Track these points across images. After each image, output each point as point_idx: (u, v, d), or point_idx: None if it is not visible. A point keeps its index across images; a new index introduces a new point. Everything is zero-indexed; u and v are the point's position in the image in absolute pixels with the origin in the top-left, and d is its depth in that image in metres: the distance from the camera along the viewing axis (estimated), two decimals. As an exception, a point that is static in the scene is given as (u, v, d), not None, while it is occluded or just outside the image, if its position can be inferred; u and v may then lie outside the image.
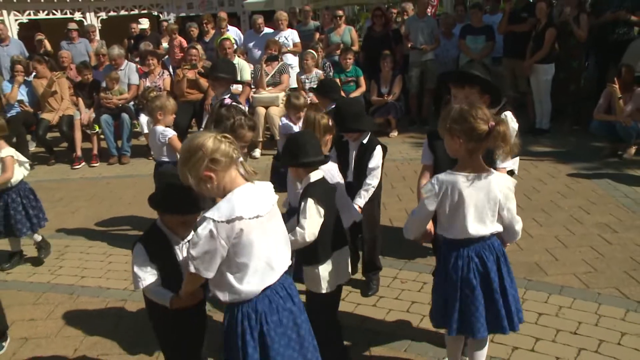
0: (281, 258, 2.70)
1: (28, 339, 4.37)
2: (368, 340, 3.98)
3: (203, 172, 2.51)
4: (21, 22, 14.98)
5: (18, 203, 5.41)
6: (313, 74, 9.30)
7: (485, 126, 2.83)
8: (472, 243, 3.01)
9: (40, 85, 9.67)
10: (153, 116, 5.55)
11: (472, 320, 3.01)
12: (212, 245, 2.48)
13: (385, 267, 4.94)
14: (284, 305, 2.65)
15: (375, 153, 4.36)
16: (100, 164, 9.49)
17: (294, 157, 3.36)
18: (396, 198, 6.76)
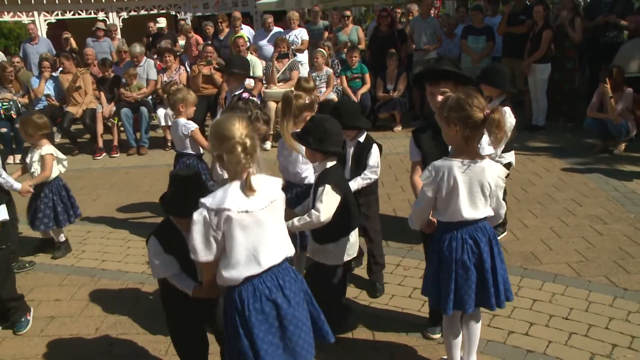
0: (272, 252, 2.63)
1: (54, 318, 4.40)
2: (371, 325, 3.98)
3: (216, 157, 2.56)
4: (50, 21, 15.00)
5: (49, 199, 5.38)
6: (323, 71, 9.30)
7: (481, 114, 2.84)
8: (466, 225, 3.02)
9: (66, 80, 9.68)
10: (175, 109, 5.49)
11: (465, 298, 3.03)
12: (206, 229, 2.51)
13: (388, 254, 4.93)
14: (269, 295, 2.59)
15: (372, 151, 4.32)
16: (120, 155, 9.51)
17: (318, 142, 3.33)
18: (400, 189, 6.74)
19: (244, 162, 2.53)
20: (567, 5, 9.10)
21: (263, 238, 2.59)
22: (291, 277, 2.70)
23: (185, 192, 2.90)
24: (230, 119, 2.59)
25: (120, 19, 15.59)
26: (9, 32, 17.22)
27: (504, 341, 3.71)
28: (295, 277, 2.72)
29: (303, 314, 2.70)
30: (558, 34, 8.93)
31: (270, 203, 2.62)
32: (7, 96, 9.50)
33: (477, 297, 3.05)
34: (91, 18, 14.94)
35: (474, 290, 3.03)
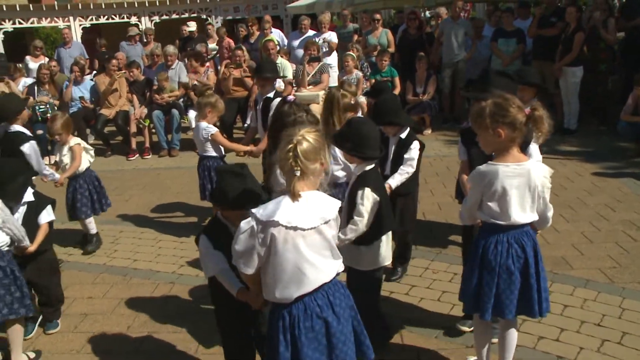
0: (321, 271, 2.54)
1: (87, 315, 4.48)
2: (400, 327, 3.96)
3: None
4: (84, 26, 15.29)
5: (85, 189, 5.60)
6: (353, 75, 9.31)
7: (524, 114, 2.85)
8: (512, 229, 2.99)
9: (102, 83, 9.87)
10: (202, 111, 5.54)
11: (506, 303, 3.00)
12: (251, 241, 2.44)
13: (417, 257, 4.92)
14: (319, 313, 2.52)
15: (412, 147, 4.35)
16: (151, 156, 9.64)
17: (356, 146, 3.30)
18: (429, 192, 6.70)
19: (291, 162, 2.42)
20: (601, 6, 8.96)
21: (313, 257, 2.50)
22: (341, 294, 2.62)
23: (233, 183, 2.89)
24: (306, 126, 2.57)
25: (152, 23, 15.80)
26: (46, 37, 17.57)
27: (534, 346, 3.67)
28: (344, 293, 2.65)
29: (349, 329, 2.64)
30: (591, 36, 8.79)
31: (323, 223, 2.51)
32: (44, 99, 9.72)
33: (518, 304, 3.01)
34: (124, 22, 15.18)
35: (516, 296, 3.00)
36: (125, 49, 11.96)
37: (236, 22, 15.13)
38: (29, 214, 4.11)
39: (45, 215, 4.20)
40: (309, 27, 10.80)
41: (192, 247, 5.56)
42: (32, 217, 4.12)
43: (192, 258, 5.36)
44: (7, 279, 3.67)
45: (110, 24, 15.81)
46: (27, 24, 14.88)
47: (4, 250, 3.71)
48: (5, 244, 3.71)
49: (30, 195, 4.16)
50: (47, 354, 4.01)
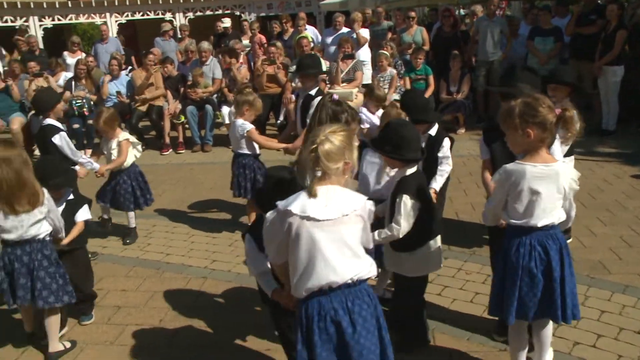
0: (339, 270, 2.47)
1: (120, 307, 4.53)
2: (432, 328, 3.91)
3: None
4: (120, 22, 15.50)
5: (128, 184, 5.70)
6: (387, 72, 9.26)
7: (554, 114, 2.80)
8: (536, 231, 2.93)
9: (139, 77, 9.99)
10: (239, 108, 5.56)
11: (530, 306, 2.96)
12: (275, 232, 2.48)
13: (450, 258, 4.86)
14: (333, 316, 2.47)
15: (443, 144, 4.31)
16: (185, 151, 9.71)
17: (396, 149, 3.25)
18: (462, 192, 6.63)
19: (312, 163, 2.43)
20: (644, 3, 8.74)
21: (328, 251, 2.45)
22: (364, 302, 2.53)
23: (280, 187, 2.88)
24: (333, 125, 2.54)
25: (187, 19, 15.94)
26: (83, 33, 17.86)
27: (569, 352, 3.59)
28: (369, 302, 2.55)
29: (372, 341, 2.53)
30: (633, 34, 8.57)
31: (342, 216, 2.45)
32: (81, 94, 9.87)
33: (540, 306, 2.96)
34: (159, 19, 15.36)
35: (539, 298, 2.95)
36: (160, 44, 12.08)
37: (269, 18, 15.18)
38: (67, 212, 4.21)
39: (82, 213, 4.30)
40: (343, 24, 10.77)
41: (225, 243, 5.64)
42: (70, 215, 4.23)
43: (224, 253, 5.39)
44: (52, 267, 3.79)
45: (145, 20, 16.01)
46: (65, 21, 15.16)
47: (48, 239, 3.82)
48: (48, 233, 3.82)
49: (70, 195, 4.29)
50: (81, 344, 4.07)
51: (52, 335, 3.92)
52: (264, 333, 3.93)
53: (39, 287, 3.73)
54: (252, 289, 4.58)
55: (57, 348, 3.93)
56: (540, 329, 3.19)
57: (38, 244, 3.76)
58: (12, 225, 3.66)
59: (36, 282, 3.73)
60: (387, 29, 11.49)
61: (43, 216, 3.73)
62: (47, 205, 3.75)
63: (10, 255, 3.74)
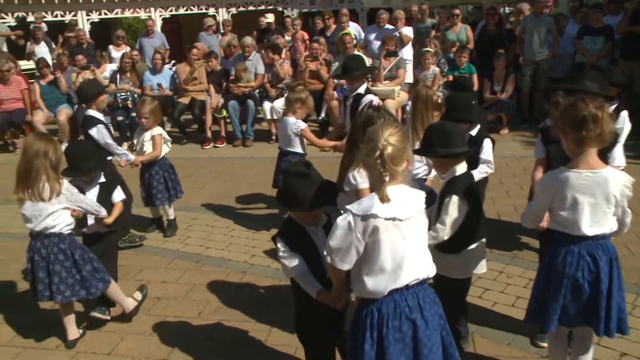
0: (415, 266, 2.53)
1: (160, 299, 4.59)
2: (472, 331, 3.85)
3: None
4: (164, 17, 15.72)
5: (160, 176, 5.75)
6: (430, 71, 9.17)
7: (584, 112, 2.68)
8: (585, 240, 2.83)
9: (183, 72, 10.11)
10: (291, 106, 5.55)
11: (572, 314, 2.88)
12: (348, 237, 2.43)
13: (491, 260, 4.75)
14: (408, 314, 2.49)
15: (484, 145, 4.22)
16: (226, 146, 9.78)
17: (445, 148, 3.19)
18: (505, 194, 6.51)
19: (380, 169, 2.41)
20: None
21: (409, 250, 2.50)
22: (431, 299, 2.59)
23: (298, 185, 2.86)
24: (385, 125, 2.51)
25: (230, 15, 16.06)
26: (128, 27, 18.16)
27: (617, 362, 3.49)
28: (434, 300, 2.61)
29: (437, 339, 2.57)
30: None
31: (417, 213, 2.52)
32: (125, 87, 10.05)
33: (584, 314, 2.88)
34: (202, 14, 15.51)
35: (582, 307, 2.87)
36: (205, 39, 12.18)
37: (312, 15, 15.17)
38: (101, 195, 4.31)
39: (117, 194, 4.41)
40: (387, 21, 10.71)
41: (265, 238, 5.64)
42: (105, 197, 4.32)
43: (264, 249, 5.41)
44: (68, 262, 3.87)
45: (189, 15, 16.19)
46: (111, 15, 15.45)
47: (66, 233, 3.90)
48: (67, 226, 3.90)
49: (102, 177, 4.39)
50: (121, 333, 4.14)
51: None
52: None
53: (55, 281, 3.84)
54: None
55: (130, 306, 4.20)
56: (582, 337, 3.10)
57: (55, 237, 3.85)
58: (31, 214, 3.81)
59: (53, 276, 3.84)
60: (430, 26, 11.37)
61: (61, 207, 3.82)
62: (66, 195, 3.83)
63: (32, 248, 3.88)
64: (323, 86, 9.57)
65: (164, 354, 3.87)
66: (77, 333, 4.07)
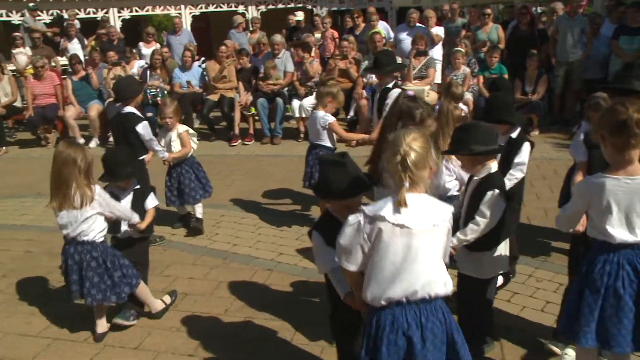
0: (421, 283, 2.44)
1: (187, 295, 4.61)
2: (500, 335, 3.79)
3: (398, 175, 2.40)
4: (194, 14, 15.83)
5: (190, 173, 5.77)
6: (460, 71, 9.08)
7: (623, 116, 2.58)
8: (625, 249, 2.73)
9: (212, 69, 10.16)
10: (322, 100, 5.57)
11: (614, 332, 2.72)
12: (356, 237, 2.41)
13: (520, 264, 4.70)
14: (405, 330, 2.43)
15: (523, 148, 4.14)
16: (254, 143, 9.80)
17: (482, 145, 3.18)
18: (534, 196, 6.41)
19: (401, 174, 2.37)
20: None
21: (416, 262, 2.42)
22: (437, 319, 2.49)
23: (334, 174, 2.84)
24: (409, 131, 2.47)
25: (259, 12, 16.11)
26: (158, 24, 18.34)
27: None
28: (442, 319, 2.51)
29: (438, 357, 2.49)
30: None
31: (432, 227, 2.43)
32: (155, 83, 10.15)
33: (634, 336, 2.72)
34: (232, 11, 15.59)
35: (626, 326, 2.71)
36: (235, 36, 12.23)
37: (341, 13, 15.15)
38: (136, 201, 4.34)
39: (150, 200, 4.43)
40: (417, 20, 10.65)
41: (292, 236, 5.66)
42: (139, 203, 4.35)
43: (291, 247, 5.41)
44: (101, 269, 3.94)
45: (218, 12, 16.29)
46: (142, 12, 15.62)
47: (99, 241, 3.96)
48: (100, 233, 3.96)
49: (136, 184, 4.42)
50: (148, 328, 4.17)
51: (147, 300, 4.19)
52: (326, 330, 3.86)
53: (87, 285, 3.91)
54: (319, 283, 4.57)
55: (158, 307, 4.24)
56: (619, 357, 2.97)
57: (88, 245, 3.92)
58: (67, 222, 3.87)
59: (85, 281, 3.92)
60: (461, 26, 11.28)
61: (95, 212, 3.87)
62: (99, 201, 3.88)
63: (66, 253, 3.96)
64: (352, 85, 9.55)
65: (190, 350, 3.89)
66: (107, 327, 4.12)
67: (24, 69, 11.74)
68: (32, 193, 7.62)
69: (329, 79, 6.35)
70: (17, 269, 5.30)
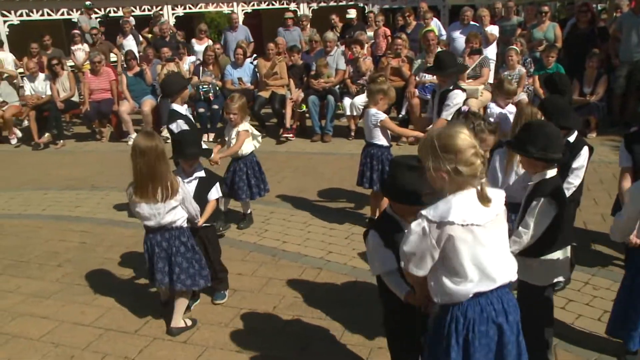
0: (499, 269, 2.43)
1: (236, 291, 4.64)
2: (554, 344, 3.65)
3: (441, 171, 2.34)
4: (246, 11, 15.99)
5: (244, 172, 5.80)
6: (516, 70, 8.89)
7: None
8: None
9: (264, 66, 10.24)
10: (373, 97, 5.53)
11: None
12: (423, 243, 2.34)
13: (576, 271, 4.53)
14: (495, 318, 2.40)
15: (581, 153, 4.00)
16: (304, 141, 9.82)
17: (541, 150, 3.08)
18: (592, 201, 6.22)
19: (481, 174, 2.33)
20: None
21: (490, 253, 2.39)
22: (514, 304, 2.49)
23: (407, 178, 2.79)
24: (460, 129, 2.40)
25: (310, 10, 16.16)
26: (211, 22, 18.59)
27: None
28: (515, 305, 2.50)
29: (517, 343, 2.49)
30: None
31: (496, 216, 2.40)
32: (207, 79, 10.28)
33: None
34: (283, 8, 15.69)
35: None
36: (282, 34, 12.26)
37: (392, 11, 15.06)
38: (199, 189, 4.36)
39: (214, 192, 4.45)
40: (471, 19, 10.47)
41: (341, 235, 5.64)
42: (202, 192, 4.37)
43: (340, 245, 5.39)
44: (189, 253, 4.01)
45: (269, 10, 16.42)
46: (195, 9, 15.88)
47: (185, 226, 4.02)
48: (184, 218, 4.02)
49: (202, 172, 4.44)
50: (197, 323, 4.22)
51: (178, 311, 4.14)
52: (375, 331, 3.88)
53: (176, 271, 3.97)
54: (368, 283, 4.58)
55: (179, 324, 4.13)
56: None
57: (175, 231, 3.97)
58: (150, 213, 3.89)
59: (174, 267, 3.97)
60: (516, 24, 11.04)
61: (178, 203, 3.91)
62: (182, 193, 3.92)
63: (151, 241, 4.00)
64: (404, 83, 9.46)
65: (237, 346, 3.92)
66: (182, 323, 4.16)
67: (82, 65, 12.09)
68: (87, 186, 7.84)
69: (378, 75, 6.26)
70: (72, 259, 5.45)
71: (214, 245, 4.52)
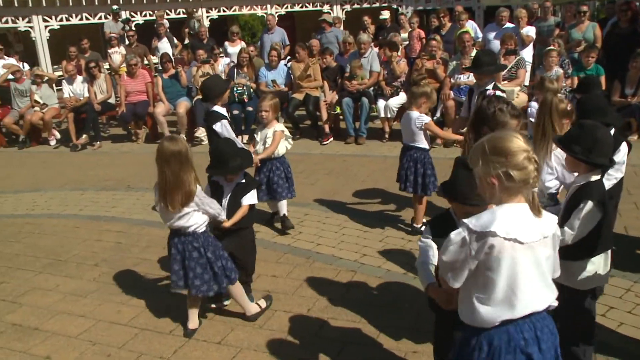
0: (536, 296, 2.27)
1: (270, 292, 4.63)
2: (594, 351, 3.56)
3: (490, 176, 2.23)
4: (280, 14, 16.06)
5: (281, 171, 5.81)
6: (553, 71, 8.72)
7: None
8: None
9: (297, 68, 10.27)
10: (416, 100, 5.50)
11: None
12: (462, 253, 2.22)
13: (617, 277, 4.45)
14: (524, 348, 2.24)
15: (620, 148, 3.96)
16: (337, 143, 9.79)
17: (586, 152, 3.02)
18: (633, 205, 6.06)
19: (533, 181, 2.21)
20: None
21: (528, 277, 2.24)
22: (549, 330, 2.32)
23: (465, 178, 2.73)
24: (513, 133, 2.30)
25: (344, 12, 16.15)
26: (244, 24, 18.72)
27: None
28: (552, 330, 2.34)
29: None
30: None
31: (543, 238, 2.25)
32: (242, 81, 10.33)
33: None
34: (317, 11, 15.71)
35: None
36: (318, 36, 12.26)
37: (426, 12, 14.95)
38: (235, 194, 4.36)
39: (248, 197, 4.40)
40: (507, 20, 10.34)
41: (376, 238, 5.61)
42: (238, 197, 4.36)
43: (375, 248, 5.35)
44: (202, 259, 4.00)
45: (303, 12, 16.46)
46: (229, 12, 16.01)
47: (200, 232, 4.01)
48: (200, 224, 4.00)
49: (242, 177, 4.44)
50: (231, 324, 4.23)
51: (242, 302, 4.26)
52: (410, 335, 3.86)
53: (190, 276, 3.99)
54: (403, 285, 4.56)
55: (252, 310, 4.28)
56: None
57: (189, 236, 3.98)
58: (164, 217, 3.98)
59: (188, 271, 3.99)
60: (554, 25, 10.84)
61: (191, 210, 3.91)
62: (196, 201, 3.90)
63: (170, 240, 4.05)
64: (439, 85, 9.37)
65: (271, 348, 3.91)
66: (197, 323, 4.20)
67: (118, 67, 12.28)
68: (122, 186, 7.95)
69: (421, 78, 6.22)
70: (108, 259, 5.53)
71: (251, 250, 4.53)
